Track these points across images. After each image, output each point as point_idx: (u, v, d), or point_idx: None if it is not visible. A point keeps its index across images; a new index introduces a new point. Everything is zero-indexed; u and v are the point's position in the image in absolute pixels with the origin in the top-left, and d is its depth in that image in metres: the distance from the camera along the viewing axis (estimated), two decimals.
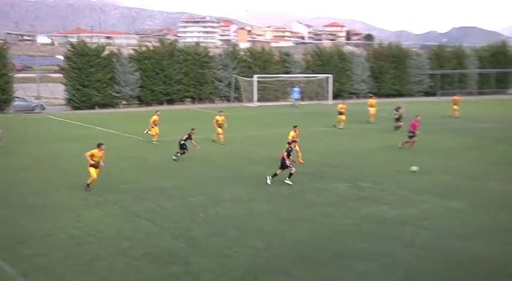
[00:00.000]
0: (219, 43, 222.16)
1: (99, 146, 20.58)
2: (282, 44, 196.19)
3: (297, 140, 24.13)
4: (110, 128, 38.87)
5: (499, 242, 14.76)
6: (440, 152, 29.05)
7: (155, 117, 32.64)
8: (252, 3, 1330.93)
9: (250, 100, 60.04)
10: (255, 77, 60.37)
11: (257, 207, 18.20)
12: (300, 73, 65.97)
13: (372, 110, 41.89)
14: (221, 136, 31.85)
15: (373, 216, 17.19)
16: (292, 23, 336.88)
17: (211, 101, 63.48)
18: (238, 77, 62.13)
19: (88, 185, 20.22)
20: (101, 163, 20.41)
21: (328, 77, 64.34)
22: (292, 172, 21.26)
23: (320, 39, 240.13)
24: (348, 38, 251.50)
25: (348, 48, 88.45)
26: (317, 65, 68.36)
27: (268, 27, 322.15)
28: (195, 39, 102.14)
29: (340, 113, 38.35)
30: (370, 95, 51.34)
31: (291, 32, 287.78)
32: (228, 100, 63.46)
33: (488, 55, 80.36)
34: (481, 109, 50.91)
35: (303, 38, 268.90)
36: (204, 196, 19.73)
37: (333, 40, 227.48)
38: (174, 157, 26.65)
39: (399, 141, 30.47)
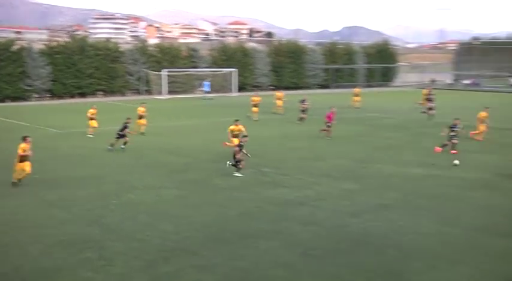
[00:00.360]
0: (129, 39, 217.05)
1: (24, 139, 19.28)
2: (190, 40, 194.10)
3: (247, 134, 23.07)
4: (23, 121, 37.17)
5: (384, 218, 15.39)
6: (335, 139, 29.82)
7: (92, 110, 31.40)
8: (160, 1, 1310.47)
9: (160, 93, 59.35)
10: (164, 71, 59.84)
11: (167, 193, 18.03)
12: (207, 68, 65.88)
13: (279, 102, 42.35)
14: (143, 127, 31.06)
15: (275, 198, 17.45)
16: (198, 20, 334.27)
17: (123, 94, 62.46)
18: (148, 71, 61.34)
19: (19, 180, 19.00)
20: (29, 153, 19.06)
21: (232, 71, 64.68)
22: (241, 166, 20.79)
23: (225, 36, 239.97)
24: (250, 35, 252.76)
25: (251, 44, 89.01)
26: (222, 60, 68.49)
27: (176, 24, 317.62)
28: (106, 35, 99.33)
29: (254, 106, 38.36)
30: (272, 87, 51.97)
31: (197, 29, 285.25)
32: (139, 93, 62.46)
33: (374, 52, 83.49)
34: (369, 100, 52.67)
35: (208, 35, 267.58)
36: (117, 184, 19.31)
37: (237, 37, 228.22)
38: (110, 147, 25.90)
39: (301, 131, 31.07)
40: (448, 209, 16.35)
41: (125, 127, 26.33)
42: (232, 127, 24.13)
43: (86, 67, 58.46)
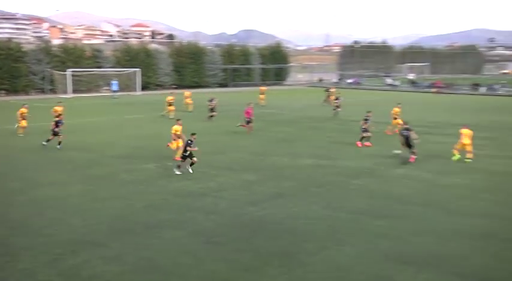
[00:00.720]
0: (32, 40, 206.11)
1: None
2: (94, 41, 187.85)
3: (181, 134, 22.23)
4: None
5: (279, 206, 15.68)
6: (234, 134, 29.97)
7: (23, 109, 29.20)
8: (62, 3, 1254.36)
9: (65, 92, 56.97)
10: (69, 71, 57.48)
11: (74, 189, 17.29)
12: (111, 67, 64.04)
13: (188, 100, 41.86)
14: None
15: (179, 190, 17.26)
16: (101, 22, 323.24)
17: (27, 93, 59.19)
18: (53, 70, 58.62)
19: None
20: None
21: (136, 71, 63.40)
22: (194, 161, 19.98)
23: (128, 38, 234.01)
24: (152, 37, 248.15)
25: (153, 46, 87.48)
26: (126, 60, 66.91)
27: (80, 26, 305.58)
28: (7, 36, 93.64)
29: (170, 105, 37.29)
30: (174, 86, 51.32)
31: (101, 31, 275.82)
32: (43, 92, 59.55)
33: (268, 53, 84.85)
34: (265, 98, 53.45)
35: (112, 36, 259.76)
36: (23, 181, 18.27)
37: (140, 39, 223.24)
38: (44, 143, 24.70)
39: (206, 127, 30.89)
40: (336, 196, 16.94)
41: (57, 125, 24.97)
42: (175, 127, 22.51)
43: None
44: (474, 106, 49.57)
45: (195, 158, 19.92)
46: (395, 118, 30.36)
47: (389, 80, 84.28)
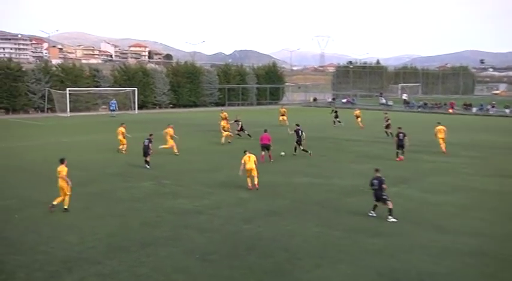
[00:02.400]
0: (31, 59, 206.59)
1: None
2: (92, 61, 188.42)
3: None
4: None
5: (274, 223, 15.63)
6: (230, 152, 29.91)
7: (121, 129, 29.63)
8: (62, 23, 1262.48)
9: (64, 111, 56.93)
10: (67, 90, 57.52)
11: (71, 206, 17.17)
12: (109, 87, 64.14)
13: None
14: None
15: (174, 208, 17.21)
16: (100, 43, 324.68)
17: (26, 111, 59.29)
18: (51, 90, 58.68)
19: None
20: None
21: (133, 90, 63.55)
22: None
23: (126, 58, 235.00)
24: (150, 57, 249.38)
25: (151, 65, 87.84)
26: (124, 79, 67.04)
27: (79, 46, 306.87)
28: (8, 56, 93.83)
29: (224, 122, 35.48)
30: (172, 105, 50.91)
31: (99, 51, 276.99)
32: (42, 111, 59.57)
33: (264, 73, 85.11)
34: (259, 116, 53.58)
35: (111, 56, 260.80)
36: (19, 199, 18.20)
37: (137, 58, 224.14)
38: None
39: (201, 144, 30.89)
40: (330, 213, 16.90)
41: None
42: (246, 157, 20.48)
43: None
44: (466, 126, 49.79)
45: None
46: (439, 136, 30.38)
47: (383, 100, 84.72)
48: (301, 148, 28.51)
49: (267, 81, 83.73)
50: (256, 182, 19.97)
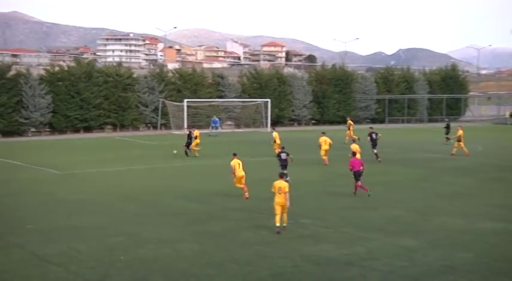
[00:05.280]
0: (144, 63, 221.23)
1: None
2: (216, 65, 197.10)
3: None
4: (15, 159, 37.81)
5: None
6: (389, 184, 29.45)
7: (325, 138, 35.44)
8: (181, 19, 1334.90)
9: (180, 127, 59.52)
10: (185, 102, 59.97)
11: (186, 248, 17.92)
12: (235, 97, 66.12)
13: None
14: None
15: (316, 256, 17.19)
16: (226, 42, 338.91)
17: (136, 128, 62.74)
18: (166, 101, 61.64)
19: None
20: None
21: (266, 101, 64.73)
22: None
23: (258, 60, 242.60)
24: (288, 59, 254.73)
25: (288, 70, 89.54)
26: (254, 88, 68.81)
27: (200, 46, 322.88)
28: (117, 59, 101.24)
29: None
30: (314, 122, 51.47)
31: (225, 51, 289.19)
32: (155, 127, 62.84)
33: (439, 79, 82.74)
34: (430, 137, 52.19)
35: (238, 58, 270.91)
36: (125, 236, 19.32)
37: (272, 61, 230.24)
38: None
39: (337, 171, 30.78)
40: None
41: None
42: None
43: (93, 96, 59.17)
44: None
45: None
46: None
47: None
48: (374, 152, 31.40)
49: (442, 90, 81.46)
50: (285, 219, 19.97)
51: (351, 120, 50.75)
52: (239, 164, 25.58)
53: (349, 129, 48.70)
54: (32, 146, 48.67)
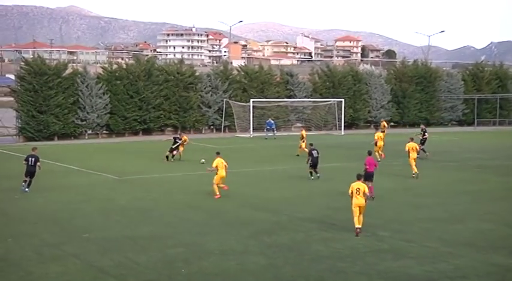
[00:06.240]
0: (207, 60, 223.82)
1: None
2: (284, 61, 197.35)
3: None
4: (72, 164, 38.67)
5: None
6: (477, 193, 28.93)
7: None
8: (247, 12, 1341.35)
9: (245, 130, 59.71)
10: (251, 102, 60.23)
11: (252, 261, 17.98)
12: (306, 97, 66.10)
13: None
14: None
15: (395, 273, 17.03)
16: (296, 36, 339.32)
17: (198, 130, 63.26)
18: (231, 101, 62.01)
19: None
20: None
21: (340, 101, 64.48)
22: None
23: (330, 56, 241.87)
24: (364, 55, 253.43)
25: (364, 67, 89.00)
26: (326, 87, 68.69)
27: (268, 41, 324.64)
28: (178, 56, 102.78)
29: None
30: (394, 124, 51.09)
31: (294, 47, 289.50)
32: (218, 130, 63.31)
33: None
34: None
35: (309, 54, 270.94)
36: (187, 247, 19.52)
37: (346, 57, 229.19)
38: None
39: (433, 182, 30.42)
40: None
41: None
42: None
43: (153, 96, 59.96)
44: None
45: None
46: None
47: None
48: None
49: None
50: (361, 221, 20.98)
51: (385, 122, 52.24)
52: (223, 163, 27.39)
53: (382, 132, 46.56)
54: (89, 149, 49.66)
